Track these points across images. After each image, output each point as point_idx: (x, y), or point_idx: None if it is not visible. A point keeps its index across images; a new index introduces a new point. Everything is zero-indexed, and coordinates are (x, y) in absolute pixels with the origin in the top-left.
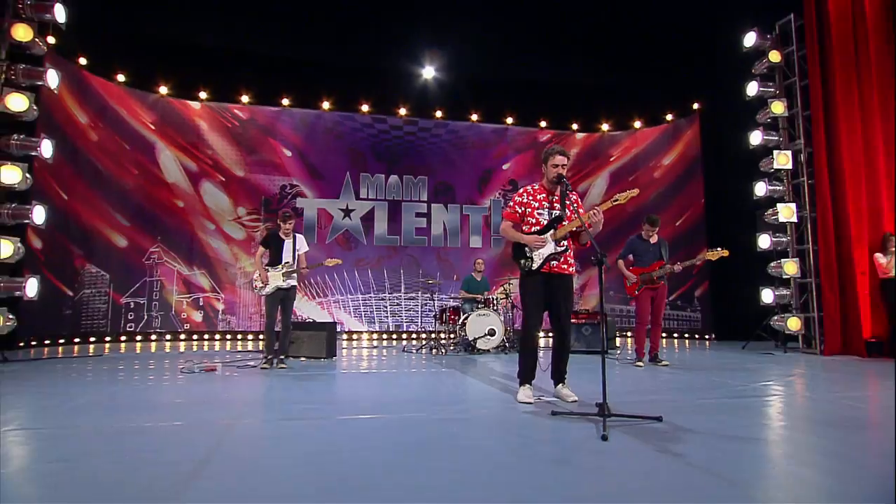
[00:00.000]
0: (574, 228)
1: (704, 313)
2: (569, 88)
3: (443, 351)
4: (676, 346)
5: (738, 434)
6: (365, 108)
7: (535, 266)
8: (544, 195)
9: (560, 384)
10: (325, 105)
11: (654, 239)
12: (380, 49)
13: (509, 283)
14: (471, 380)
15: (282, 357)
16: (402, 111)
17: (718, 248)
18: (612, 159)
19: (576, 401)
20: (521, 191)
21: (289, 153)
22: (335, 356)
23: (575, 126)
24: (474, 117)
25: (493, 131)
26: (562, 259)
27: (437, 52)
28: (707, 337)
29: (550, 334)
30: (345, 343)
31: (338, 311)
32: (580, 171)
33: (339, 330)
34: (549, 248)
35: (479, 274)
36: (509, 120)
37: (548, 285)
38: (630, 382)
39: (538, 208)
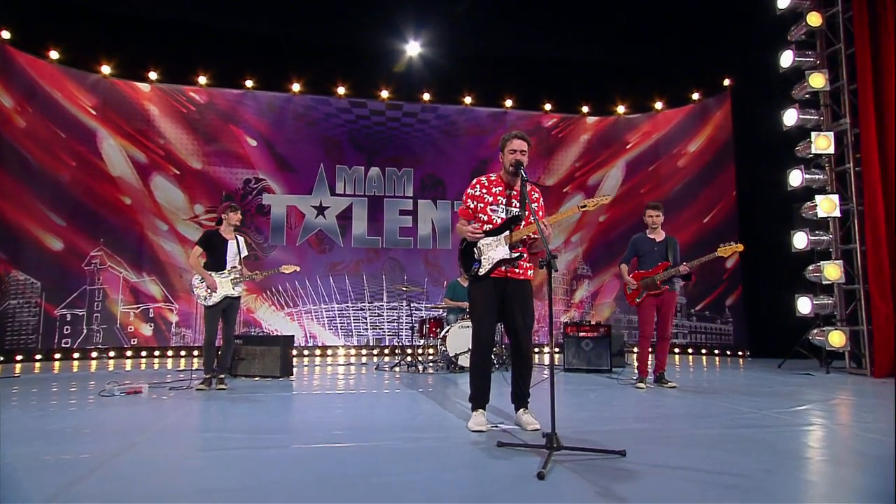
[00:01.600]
0: (528, 235)
1: (737, 326)
2: (578, 65)
3: (420, 368)
4: (704, 363)
5: (717, 478)
6: (341, 90)
7: (482, 271)
8: (501, 188)
9: (521, 409)
10: (296, 87)
11: (659, 237)
12: (358, 22)
13: None
14: (431, 404)
15: (222, 377)
16: (384, 94)
17: (731, 243)
18: (628, 146)
19: (537, 429)
20: (473, 182)
21: (253, 142)
22: (291, 375)
23: (585, 109)
24: (468, 100)
25: (490, 116)
26: (516, 265)
27: (424, 25)
28: (740, 354)
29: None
30: (317, 360)
31: (310, 322)
32: (591, 161)
33: (311, 344)
34: (501, 251)
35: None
36: (508, 103)
37: (501, 292)
38: (620, 408)
39: (492, 204)
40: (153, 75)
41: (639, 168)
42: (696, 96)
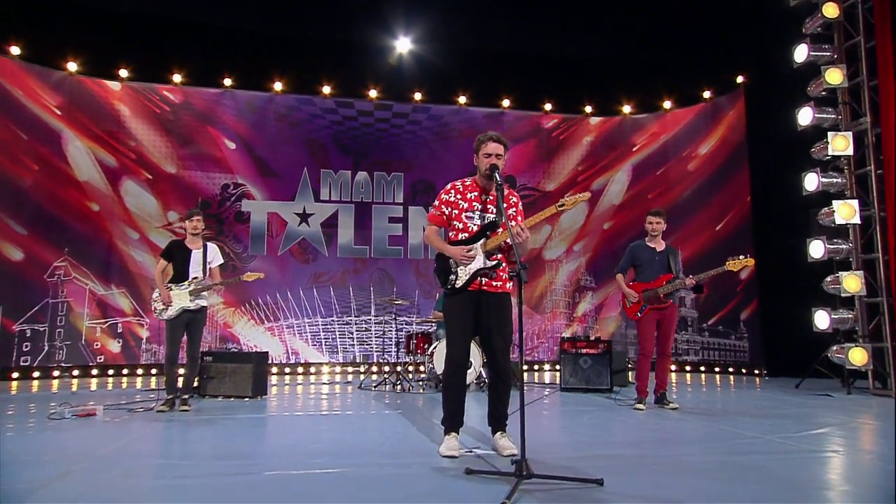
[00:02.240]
0: (505, 242)
1: (753, 341)
2: (580, 62)
3: (406, 387)
4: (718, 382)
5: None
6: (326, 89)
7: (459, 283)
8: (476, 194)
9: (499, 433)
10: (278, 86)
11: (660, 246)
12: (345, 17)
13: None
14: (407, 426)
15: (186, 397)
16: (373, 93)
17: (742, 256)
18: (635, 149)
19: (514, 455)
20: (448, 186)
21: (232, 145)
22: (264, 395)
23: (588, 109)
24: (462, 100)
25: (486, 117)
26: (494, 275)
27: (415, 19)
28: (756, 372)
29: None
30: (299, 378)
31: (291, 338)
32: (595, 165)
33: (293, 361)
34: (478, 261)
35: None
36: (506, 103)
37: (477, 306)
38: (611, 431)
39: (467, 210)
40: (124, 73)
41: (646, 172)
42: (707, 95)
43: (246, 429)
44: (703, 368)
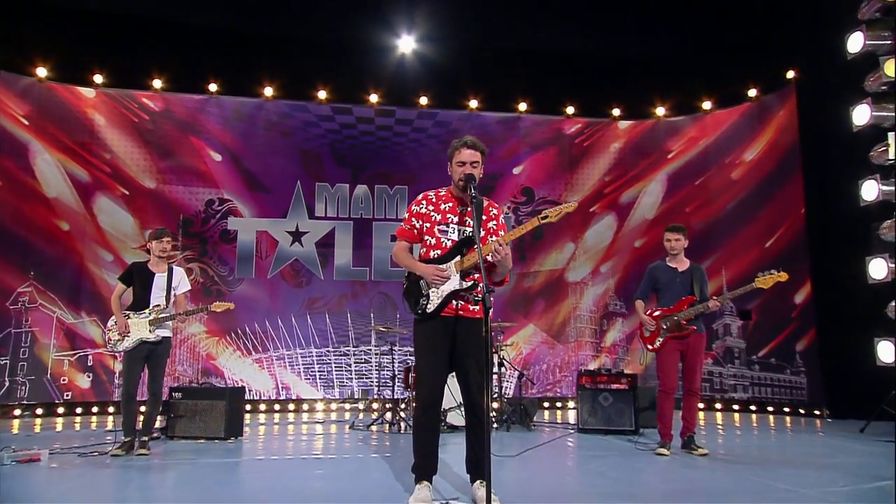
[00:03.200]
0: (485, 258)
1: (811, 377)
2: (606, 60)
3: (401, 426)
4: (772, 424)
5: None
6: (322, 94)
7: (431, 307)
8: (452, 205)
9: (478, 481)
10: (268, 91)
11: (682, 265)
12: (342, 15)
13: (501, 345)
14: (385, 472)
15: (145, 439)
16: (373, 98)
17: (773, 271)
18: (670, 156)
19: None
20: (419, 197)
21: (218, 157)
22: (240, 435)
23: (616, 111)
24: (473, 104)
25: (500, 122)
26: (470, 298)
27: (420, 16)
28: (817, 413)
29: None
30: (290, 416)
31: (282, 371)
32: (624, 174)
33: (283, 397)
34: (453, 282)
35: None
36: (522, 106)
37: (451, 336)
38: (617, 481)
39: (441, 223)
40: (98, 78)
41: (683, 182)
42: (752, 93)
43: (206, 475)
44: (753, 408)
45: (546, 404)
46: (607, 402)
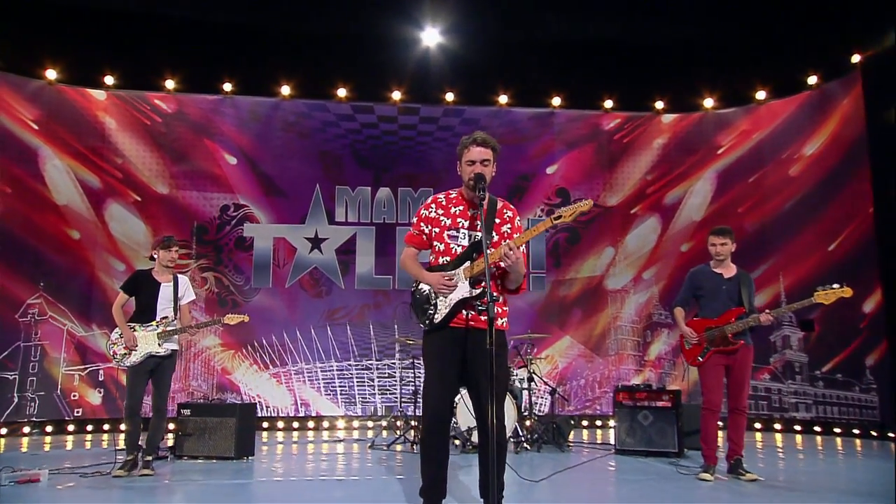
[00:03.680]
0: (497, 264)
1: (884, 395)
2: (648, 48)
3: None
4: (839, 447)
5: None
6: (342, 92)
7: (438, 318)
8: (462, 208)
9: None
10: (285, 90)
11: (728, 271)
12: (362, 6)
13: (531, 358)
14: (398, 496)
15: (148, 459)
16: (396, 95)
17: (836, 285)
18: (720, 152)
19: None
20: (428, 200)
21: (233, 160)
22: (251, 455)
23: (659, 104)
24: (503, 99)
25: (533, 118)
26: (483, 307)
27: (444, 6)
28: (892, 435)
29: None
30: (310, 434)
31: (301, 386)
32: (669, 173)
33: (302, 414)
34: (461, 290)
35: None
36: (556, 101)
37: (462, 348)
38: None
39: (451, 228)
40: (109, 80)
41: (735, 179)
42: (812, 80)
43: (213, 497)
44: (817, 429)
45: (585, 423)
46: (647, 420)
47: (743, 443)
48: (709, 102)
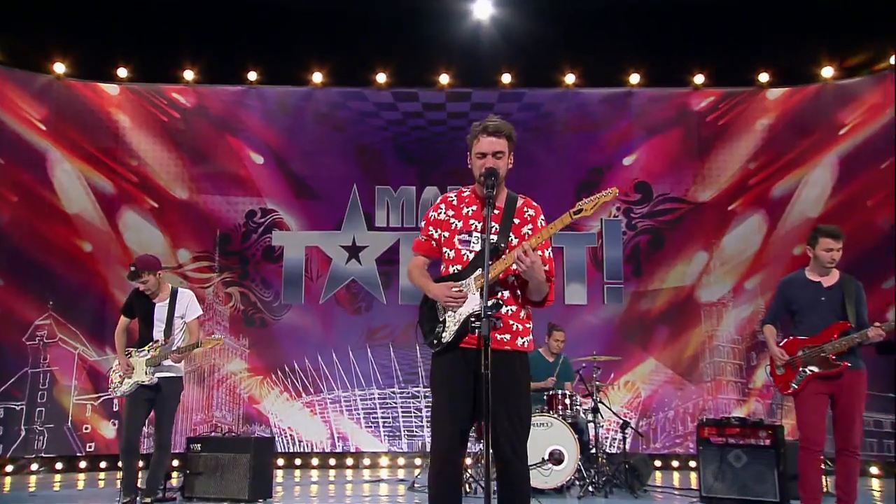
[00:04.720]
0: (512, 271)
1: None
2: (747, 9)
3: (469, 487)
4: None
5: None
6: (381, 77)
7: (447, 337)
8: (475, 208)
9: None
10: (317, 77)
11: (830, 279)
12: None
13: (598, 385)
14: None
15: (147, 501)
16: (444, 78)
17: None
18: (842, 132)
19: None
20: (438, 200)
21: (259, 159)
22: (268, 497)
23: (764, 77)
24: (569, 79)
25: (605, 101)
26: (498, 323)
27: None
28: None
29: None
30: (348, 473)
31: (337, 417)
32: (776, 160)
33: (339, 450)
34: (472, 303)
35: (554, 350)
36: (634, 78)
37: (475, 372)
38: None
39: (462, 231)
40: (123, 72)
41: (862, 166)
42: None
43: None
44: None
45: (675, 464)
46: (740, 462)
47: (856, 493)
48: (828, 72)
